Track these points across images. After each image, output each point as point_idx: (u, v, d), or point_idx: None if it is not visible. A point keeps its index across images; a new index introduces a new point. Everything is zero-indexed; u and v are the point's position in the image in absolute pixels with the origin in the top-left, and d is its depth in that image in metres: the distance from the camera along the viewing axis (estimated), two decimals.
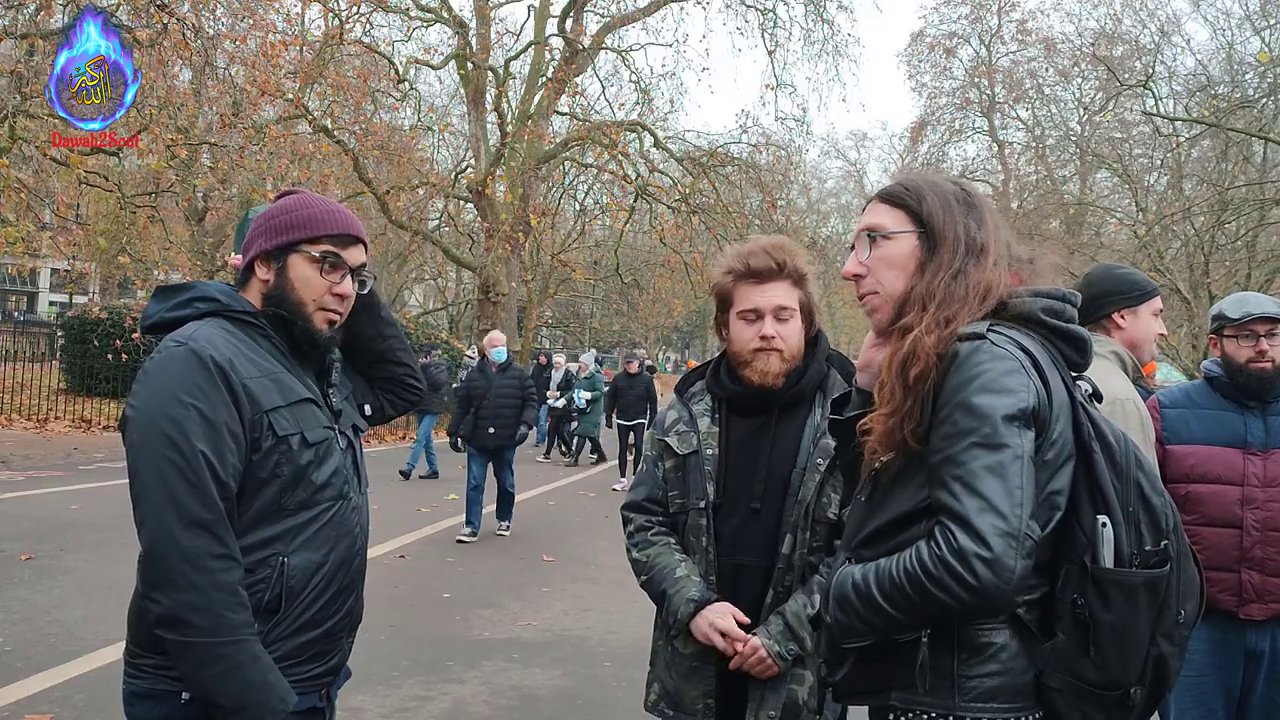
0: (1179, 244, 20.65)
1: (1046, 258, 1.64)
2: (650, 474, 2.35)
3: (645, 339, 41.45)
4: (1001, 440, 1.36)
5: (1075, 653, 1.41)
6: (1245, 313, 2.85)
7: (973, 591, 1.31)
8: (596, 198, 30.37)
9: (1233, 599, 2.79)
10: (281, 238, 1.87)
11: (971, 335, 1.45)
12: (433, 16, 23.14)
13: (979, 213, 1.58)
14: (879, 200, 1.64)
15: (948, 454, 1.39)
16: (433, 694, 4.63)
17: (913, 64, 28.06)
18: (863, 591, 1.42)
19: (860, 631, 1.44)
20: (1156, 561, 1.42)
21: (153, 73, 11.75)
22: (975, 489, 1.34)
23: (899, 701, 1.46)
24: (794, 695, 2.11)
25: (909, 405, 1.44)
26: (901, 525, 1.46)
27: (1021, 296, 1.53)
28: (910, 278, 1.56)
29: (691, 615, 2.14)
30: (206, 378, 1.70)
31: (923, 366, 1.44)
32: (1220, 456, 2.84)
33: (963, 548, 1.31)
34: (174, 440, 1.66)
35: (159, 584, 1.66)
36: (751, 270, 2.21)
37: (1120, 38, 22.46)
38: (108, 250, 19.04)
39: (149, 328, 1.87)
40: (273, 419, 1.76)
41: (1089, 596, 1.40)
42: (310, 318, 1.88)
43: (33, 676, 4.46)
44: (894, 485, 1.49)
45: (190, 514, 1.65)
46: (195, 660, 1.66)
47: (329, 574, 1.83)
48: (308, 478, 1.80)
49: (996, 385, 1.39)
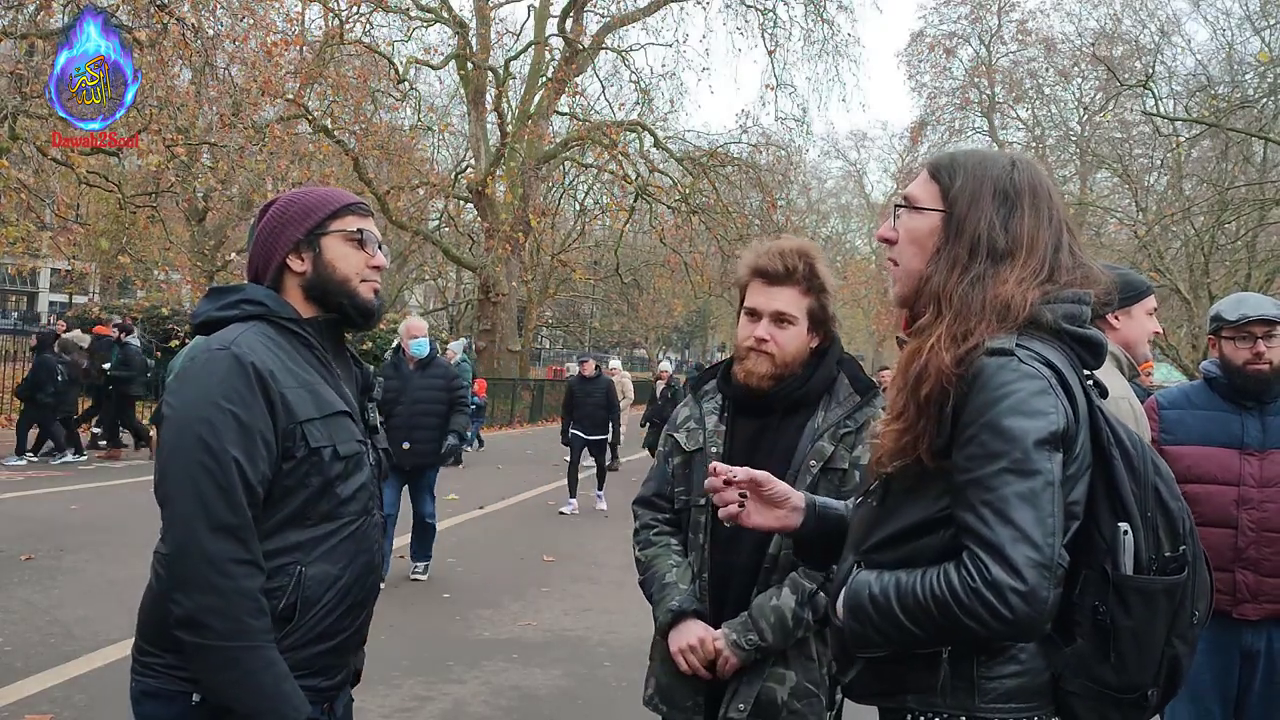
0: (1179, 244, 20.65)
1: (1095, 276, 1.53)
2: (661, 469, 2.38)
3: (645, 339, 41.47)
4: (1034, 466, 1.33)
5: (1095, 657, 1.40)
6: (1241, 314, 2.85)
7: (1005, 623, 1.30)
8: (596, 198, 30.43)
9: (1228, 599, 2.79)
10: (308, 221, 1.87)
11: (998, 350, 1.39)
12: (433, 16, 23.17)
13: (1018, 209, 1.48)
14: (925, 168, 1.58)
15: (976, 476, 1.35)
16: (433, 694, 4.63)
17: (913, 64, 28.10)
18: (882, 605, 1.39)
19: (876, 643, 1.42)
20: (1175, 568, 1.41)
21: (153, 73, 11.78)
22: (1008, 517, 1.31)
23: (915, 703, 1.45)
24: (771, 693, 2.12)
25: (923, 424, 1.41)
26: (915, 533, 1.44)
27: (1040, 304, 1.46)
28: (929, 258, 1.51)
29: (669, 625, 2.19)
30: (246, 384, 1.71)
31: (933, 385, 1.40)
32: (1216, 457, 2.84)
33: (997, 580, 1.29)
34: (208, 444, 1.67)
35: (181, 585, 1.66)
36: (761, 270, 2.21)
37: (1120, 38, 22.46)
38: (108, 250, 19.05)
39: (198, 325, 1.89)
40: (307, 430, 1.77)
41: (1110, 603, 1.39)
42: (357, 291, 1.89)
43: (33, 676, 4.46)
44: (908, 492, 1.46)
45: (217, 518, 1.66)
46: (211, 664, 1.66)
47: (345, 587, 1.82)
48: (334, 490, 1.81)
49: (1027, 407, 1.35)
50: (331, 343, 1.91)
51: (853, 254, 44.07)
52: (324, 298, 1.89)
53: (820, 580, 2.11)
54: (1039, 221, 1.48)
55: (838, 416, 2.19)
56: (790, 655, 2.15)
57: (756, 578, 2.17)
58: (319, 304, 1.89)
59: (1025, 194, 1.49)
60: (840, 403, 2.22)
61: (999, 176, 1.50)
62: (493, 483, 12.54)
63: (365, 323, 1.94)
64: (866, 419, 2.19)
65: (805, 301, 2.19)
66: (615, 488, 11.39)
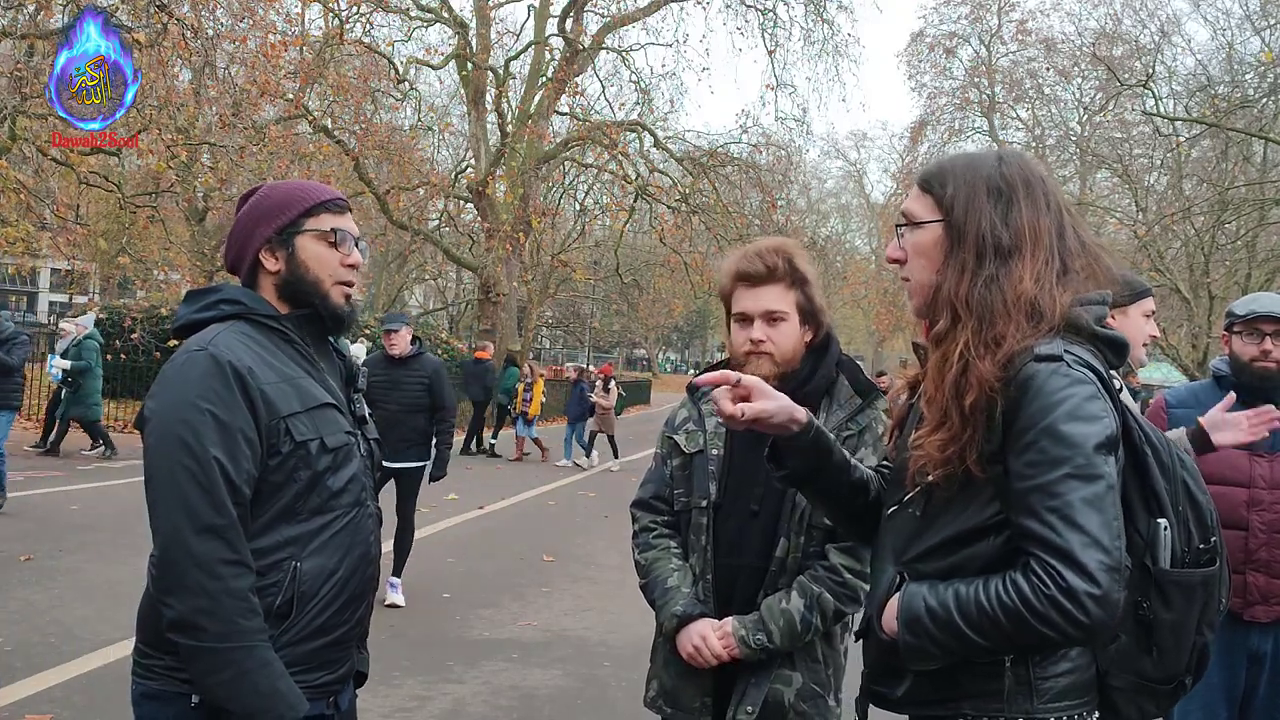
0: (1179, 244, 20.67)
1: (1104, 260, 1.55)
2: (658, 471, 2.37)
3: (645, 339, 41.47)
4: (1096, 471, 1.33)
5: (1136, 651, 1.44)
6: (1251, 310, 2.86)
7: (1082, 628, 1.30)
8: (596, 198, 30.43)
9: (1238, 601, 2.78)
10: (281, 218, 1.85)
11: (1049, 356, 1.39)
12: (433, 16, 23.17)
13: (1015, 202, 1.48)
14: (916, 183, 1.60)
15: (1039, 483, 1.34)
16: (433, 694, 4.62)
17: (913, 64, 28.08)
18: (941, 618, 1.38)
19: (935, 656, 1.41)
20: (1208, 559, 1.45)
21: (153, 73, 11.77)
22: (1076, 522, 1.31)
23: (972, 710, 1.45)
24: (778, 695, 2.13)
25: (969, 434, 1.40)
26: (963, 541, 1.43)
27: (1074, 307, 1.47)
28: (938, 268, 1.51)
29: (675, 630, 2.19)
30: (224, 383, 1.71)
31: (977, 394, 1.39)
32: (1227, 458, 2.82)
33: (1072, 586, 1.29)
34: (188, 445, 1.67)
35: (171, 589, 1.66)
36: (744, 274, 2.21)
37: (1120, 38, 22.46)
38: (108, 250, 19.06)
39: (179, 330, 1.88)
40: (290, 424, 1.76)
41: (1151, 597, 1.41)
42: (328, 294, 1.88)
43: (32, 676, 4.44)
44: (951, 501, 1.45)
45: (202, 519, 1.66)
46: (205, 666, 1.66)
47: (341, 580, 1.81)
48: (324, 483, 1.80)
49: (1084, 412, 1.36)
50: (313, 336, 1.90)
51: (853, 254, 44.13)
52: (297, 298, 1.88)
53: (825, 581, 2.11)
54: (1037, 211, 1.49)
55: (839, 419, 2.19)
56: (796, 657, 2.15)
57: (763, 580, 2.17)
58: (292, 304, 1.88)
59: (1018, 186, 1.50)
60: (841, 405, 2.22)
61: (989, 175, 1.51)
62: (493, 483, 12.53)
63: (336, 328, 1.92)
64: (869, 422, 2.20)
65: (791, 295, 2.21)
66: (616, 487, 11.35)
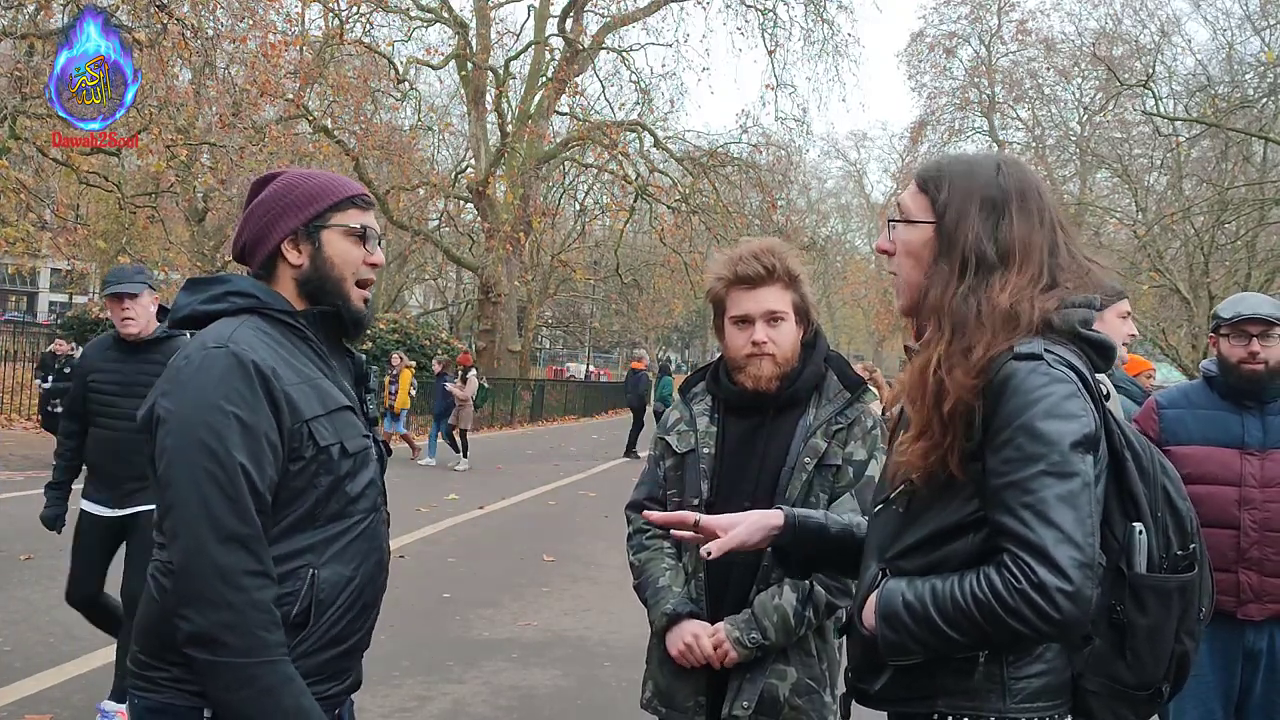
0: (1179, 244, 20.67)
1: (1099, 269, 1.55)
2: (651, 473, 2.39)
3: (645, 339, 41.48)
4: (1071, 469, 1.34)
5: (1111, 656, 1.43)
6: (1236, 313, 2.87)
7: (1053, 624, 1.30)
8: (596, 198, 30.46)
9: (1231, 600, 2.79)
10: (309, 210, 1.76)
11: (1028, 355, 1.40)
12: (433, 16, 23.20)
13: (1006, 215, 1.48)
14: (914, 179, 1.59)
15: (1014, 480, 1.35)
16: (433, 694, 4.63)
17: (912, 64, 28.09)
18: (918, 613, 1.39)
19: (912, 651, 1.42)
20: (1185, 565, 1.44)
21: (153, 73, 11.77)
22: (1050, 519, 1.32)
23: (945, 707, 1.46)
24: (773, 690, 2.15)
25: (950, 440, 1.41)
26: (944, 538, 1.45)
27: (1054, 312, 1.47)
28: (925, 270, 1.52)
29: (665, 628, 2.21)
30: (248, 384, 1.61)
31: (954, 401, 1.41)
32: (1217, 457, 2.84)
33: (1044, 581, 1.30)
34: (212, 450, 1.57)
35: (192, 601, 1.56)
36: (741, 276, 2.23)
37: (1120, 38, 22.46)
38: (108, 250, 19.06)
39: (180, 320, 1.77)
40: (314, 428, 1.67)
41: (1126, 602, 1.41)
42: (349, 295, 1.79)
43: (32, 676, 4.46)
44: (934, 498, 1.47)
45: (226, 528, 1.56)
46: (226, 681, 1.56)
47: (358, 588, 1.74)
48: (343, 489, 1.72)
49: (1061, 410, 1.36)
50: (326, 335, 1.81)
51: (853, 254, 44.16)
52: (318, 295, 1.78)
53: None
54: (1030, 225, 1.48)
55: (829, 413, 2.22)
56: (790, 652, 2.16)
57: (755, 576, 2.18)
58: (311, 300, 1.78)
59: (1013, 198, 1.49)
60: (830, 399, 2.25)
61: (985, 184, 1.49)
62: (493, 483, 12.54)
63: (356, 330, 1.84)
64: (858, 415, 2.23)
65: (789, 295, 2.24)
66: (617, 488, 11.37)
